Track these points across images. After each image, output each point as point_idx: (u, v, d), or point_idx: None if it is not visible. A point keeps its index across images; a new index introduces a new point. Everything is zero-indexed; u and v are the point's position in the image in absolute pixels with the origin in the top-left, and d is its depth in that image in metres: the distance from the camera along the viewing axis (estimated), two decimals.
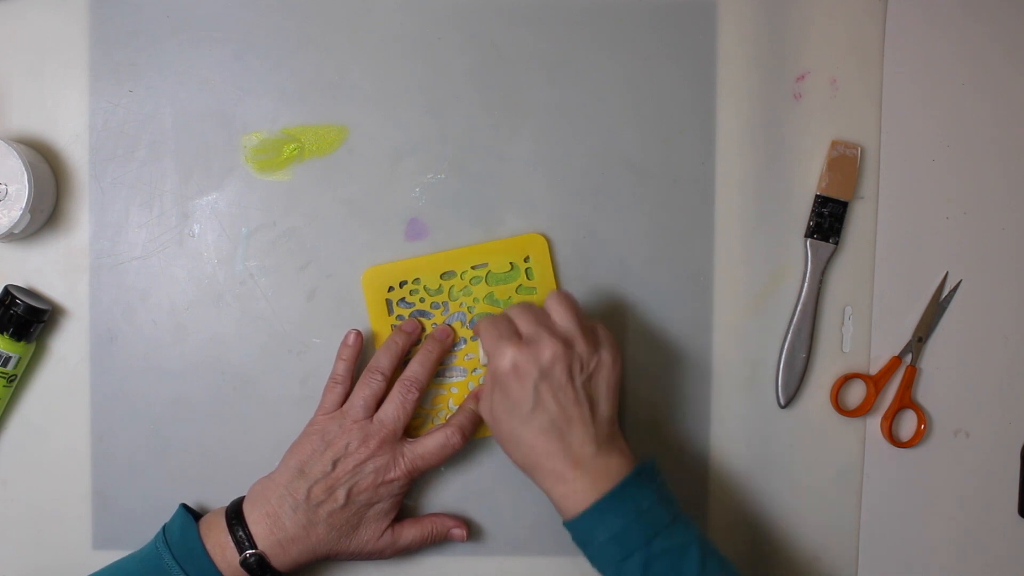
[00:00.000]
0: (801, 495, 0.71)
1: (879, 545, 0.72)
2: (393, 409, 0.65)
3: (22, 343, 0.66)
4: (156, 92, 0.69)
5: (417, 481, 0.68)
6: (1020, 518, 0.72)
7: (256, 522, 0.63)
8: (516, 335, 0.61)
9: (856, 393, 0.72)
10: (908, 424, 0.72)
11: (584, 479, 0.59)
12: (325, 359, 0.69)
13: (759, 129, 0.70)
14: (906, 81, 0.71)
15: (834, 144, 0.70)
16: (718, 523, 0.71)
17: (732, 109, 0.70)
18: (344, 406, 0.65)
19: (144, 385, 0.69)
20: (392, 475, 0.64)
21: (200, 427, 0.69)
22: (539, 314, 0.62)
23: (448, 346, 0.69)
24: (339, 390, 0.67)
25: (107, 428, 0.69)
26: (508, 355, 0.60)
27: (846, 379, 0.71)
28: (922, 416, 0.71)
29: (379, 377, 0.66)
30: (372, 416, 0.65)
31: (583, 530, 0.60)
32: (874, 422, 0.72)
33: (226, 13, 0.69)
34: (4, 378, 0.66)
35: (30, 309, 0.66)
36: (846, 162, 0.70)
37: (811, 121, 0.70)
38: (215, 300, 0.69)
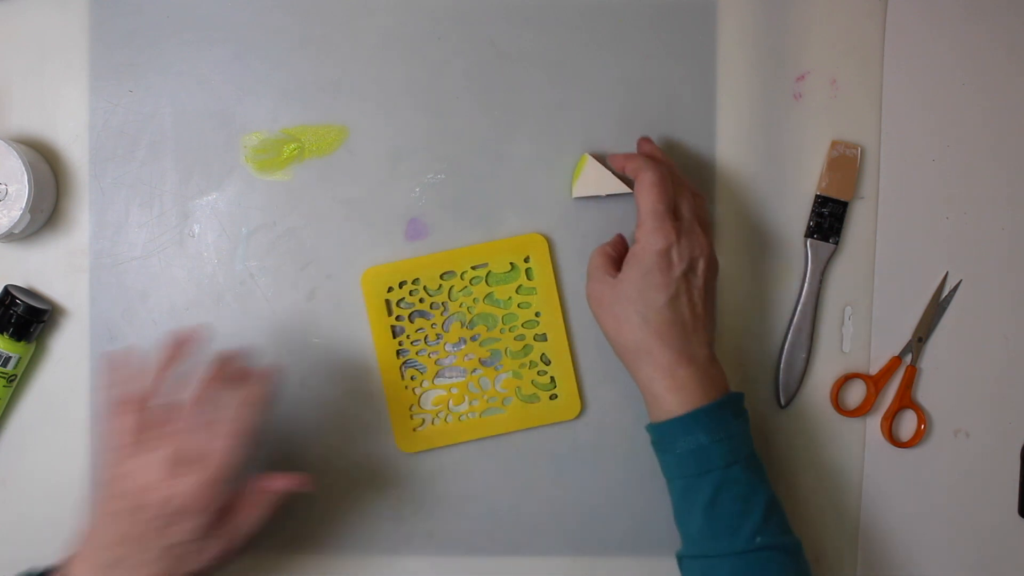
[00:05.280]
0: (801, 495, 0.71)
1: (879, 545, 0.72)
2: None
3: (22, 343, 0.66)
4: (156, 92, 0.69)
5: (416, 481, 0.67)
6: (1020, 518, 0.72)
7: None
8: (675, 215, 0.61)
9: (856, 393, 0.72)
10: (908, 424, 0.72)
11: (691, 379, 0.60)
12: (325, 359, 0.69)
13: (759, 129, 0.70)
14: (906, 81, 0.71)
15: (834, 144, 0.70)
16: None
17: (732, 109, 0.70)
18: None
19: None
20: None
21: None
22: (693, 202, 0.63)
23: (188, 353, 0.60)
24: None
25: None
26: (668, 238, 0.60)
27: (846, 379, 0.71)
28: (922, 416, 0.71)
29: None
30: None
31: (668, 436, 0.60)
32: (874, 422, 0.72)
33: (226, 13, 0.69)
34: (4, 378, 0.66)
35: (30, 309, 0.66)
36: (846, 162, 0.70)
37: (811, 121, 0.70)
38: (215, 300, 0.69)
